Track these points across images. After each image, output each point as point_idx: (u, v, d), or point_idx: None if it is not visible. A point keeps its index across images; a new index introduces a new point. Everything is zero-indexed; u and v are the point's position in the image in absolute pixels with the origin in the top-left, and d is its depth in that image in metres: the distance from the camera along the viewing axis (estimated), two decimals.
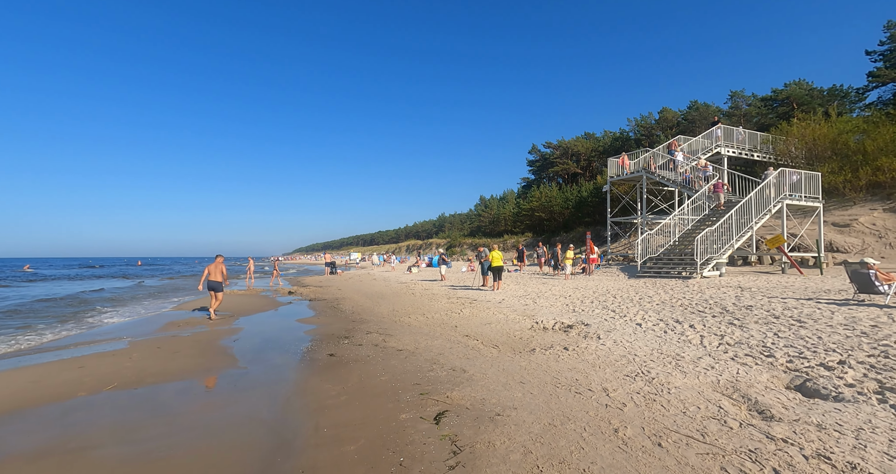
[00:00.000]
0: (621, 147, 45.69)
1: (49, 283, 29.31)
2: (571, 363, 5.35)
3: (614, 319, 8.01)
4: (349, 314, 11.23)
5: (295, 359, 6.44)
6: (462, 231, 72.84)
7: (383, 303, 13.23)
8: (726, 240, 15.21)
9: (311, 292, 18.10)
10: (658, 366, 4.89)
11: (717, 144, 22.29)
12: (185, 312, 12.39)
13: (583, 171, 54.36)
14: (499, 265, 14.66)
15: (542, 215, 46.38)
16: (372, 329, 8.74)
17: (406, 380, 5.08)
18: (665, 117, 39.57)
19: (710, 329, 6.53)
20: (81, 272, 49.86)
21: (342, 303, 13.61)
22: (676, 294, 10.71)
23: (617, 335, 6.71)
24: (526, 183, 67.52)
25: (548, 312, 9.45)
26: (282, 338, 8.18)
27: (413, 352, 6.59)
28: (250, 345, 7.52)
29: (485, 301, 12.08)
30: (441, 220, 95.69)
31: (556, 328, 7.87)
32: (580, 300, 10.96)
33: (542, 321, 8.38)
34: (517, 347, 6.53)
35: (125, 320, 11.35)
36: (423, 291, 15.97)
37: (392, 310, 11.33)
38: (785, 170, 16.05)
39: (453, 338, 7.41)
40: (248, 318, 11.03)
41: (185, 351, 7.02)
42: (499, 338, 7.29)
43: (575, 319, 8.34)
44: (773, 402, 3.60)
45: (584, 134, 57.67)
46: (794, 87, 30.42)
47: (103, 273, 46.95)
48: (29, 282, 31.61)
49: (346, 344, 7.42)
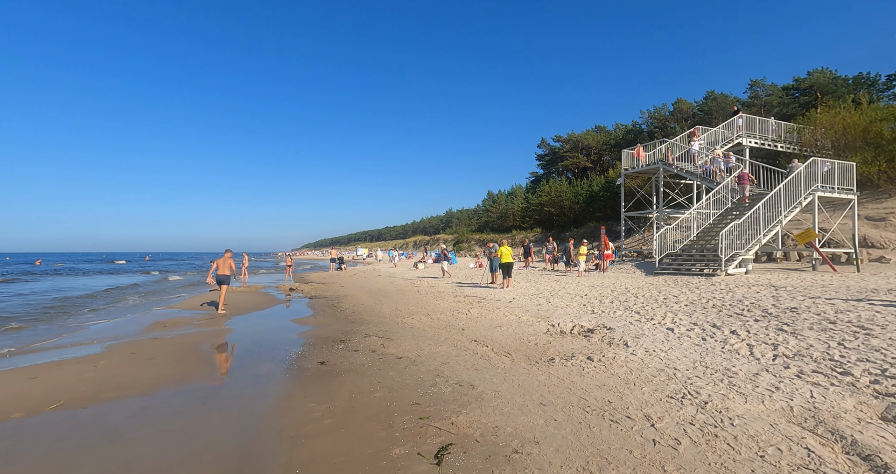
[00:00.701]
0: (633, 140, 44.41)
1: (87, 277, 30.67)
2: (600, 378, 4.53)
3: (641, 323, 7.15)
4: (349, 314, 10.50)
5: (281, 368, 5.69)
6: (469, 226, 71.96)
7: (386, 301, 12.48)
8: (753, 235, 14.21)
9: (313, 289, 17.43)
10: (707, 385, 4.05)
11: (738, 135, 21.15)
12: (176, 311, 11.75)
13: (593, 165, 53.11)
14: (509, 261, 13.83)
15: (552, 210, 45.34)
16: (371, 331, 7.98)
17: (404, 398, 4.30)
18: (680, 108, 38.25)
19: (756, 336, 5.66)
20: (107, 266, 52.09)
21: (343, 302, 12.89)
22: (704, 293, 9.81)
23: (647, 342, 5.86)
24: (535, 177, 66.34)
25: (564, 313, 8.61)
26: (272, 342, 7.46)
27: (414, 360, 5.81)
28: (235, 351, 6.80)
29: (494, 300, 11.27)
30: (448, 216, 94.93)
31: (575, 332, 7.04)
32: (598, 300, 10.10)
33: (559, 324, 7.55)
34: (533, 356, 5.72)
35: (115, 320, 10.73)
36: (429, 289, 15.20)
37: (394, 310, 10.57)
38: (817, 160, 14.96)
39: (460, 344, 6.62)
40: (241, 318, 10.35)
41: (162, 357, 6.31)
42: (511, 343, 6.48)
43: (596, 322, 7.50)
44: (877, 443, 2.76)
45: (595, 127, 56.37)
46: (817, 76, 29.01)
47: (130, 268, 48.51)
48: (71, 275, 33.48)
49: (341, 349, 6.66)
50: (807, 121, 22.16)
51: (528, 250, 22.93)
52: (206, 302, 13.22)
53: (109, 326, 9.34)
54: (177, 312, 11.26)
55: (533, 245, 24.31)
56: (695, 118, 35.89)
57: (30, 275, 33.46)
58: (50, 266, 53.78)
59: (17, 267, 51.24)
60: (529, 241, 23.98)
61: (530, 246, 23.64)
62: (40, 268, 50.05)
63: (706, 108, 34.99)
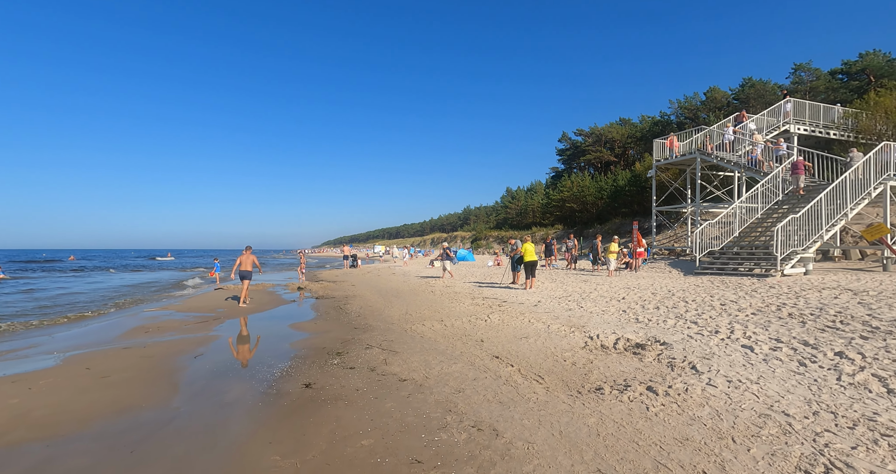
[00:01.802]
0: (661, 132, 42.11)
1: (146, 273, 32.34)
2: (676, 425, 3.23)
3: (703, 337, 5.78)
4: (354, 318, 9.38)
5: (256, 393, 4.57)
6: (488, 223, 70.44)
7: (397, 302, 11.34)
8: (812, 231, 12.50)
9: (323, 288, 16.44)
10: (857, 450, 2.70)
11: (785, 121, 19.23)
12: (168, 312, 10.85)
13: (617, 159, 50.93)
14: (533, 260, 12.50)
15: (574, 206, 43.55)
16: (375, 341, 6.82)
17: (400, 449, 3.11)
18: (713, 97, 35.93)
19: (880, 362, 4.24)
20: (153, 263, 53.77)
21: (350, 303, 11.81)
22: (768, 298, 8.31)
23: (723, 366, 4.51)
24: (555, 173, 64.32)
25: (601, 322, 7.28)
26: (258, 354, 6.37)
27: (421, 384, 4.61)
28: (211, 365, 5.72)
29: (517, 303, 9.99)
30: (466, 213, 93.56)
31: (620, 347, 5.72)
32: (639, 304, 8.71)
33: (599, 335, 6.24)
34: (573, 382, 4.45)
35: (95, 324, 9.87)
36: (444, 289, 13.99)
37: (404, 314, 9.40)
38: (889, 144, 13.10)
39: (478, 361, 5.38)
40: (235, 322, 9.34)
41: (120, 374, 5.27)
42: (542, 362, 5.21)
43: (644, 334, 6.15)
44: None
45: (619, 119, 54.10)
46: (870, 58, 26.53)
47: (175, 264, 49.64)
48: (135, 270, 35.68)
49: (335, 365, 5.52)
50: (864, 105, 20.00)
51: (550, 248, 20.92)
52: (229, 296, 12.39)
53: (84, 332, 8.40)
54: (168, 314, 10.35)
55: (556, 242, 22.37)
56: (730, 107, 33.61)
57: (42, 273, 33.67)
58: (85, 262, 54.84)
59: (43, 264, 52.29)
60: (552, 238, 22.01)
61: (553, 243, 21.57)
62: (72, 263, 51.21)
63: (742, 95, 32.68)
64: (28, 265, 46.54)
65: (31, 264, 48.58)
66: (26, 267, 42.46)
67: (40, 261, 59.43)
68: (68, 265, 47.06)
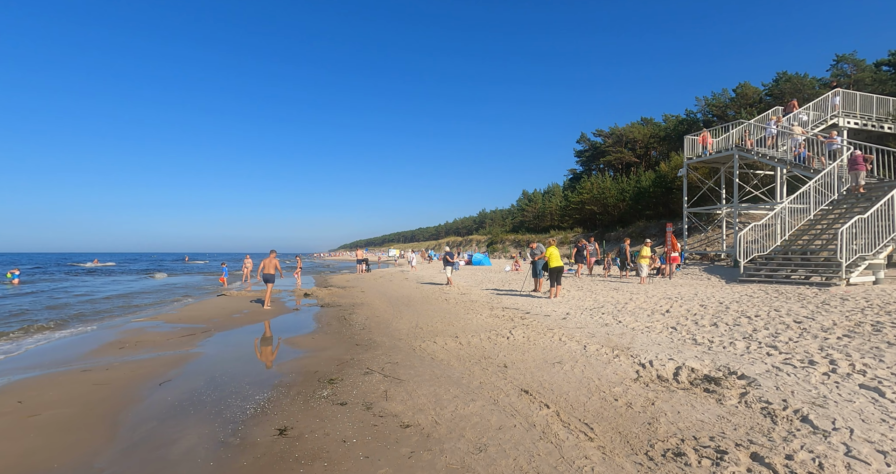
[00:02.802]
0: (687, 130, 40.22)
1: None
2: None
3: (795, 369, 4.48)
4: (358, 330, 8.30)
5: (215, 442, 3.49)
6: (504, 227, 68.97)
7: (407, 312, 10.22)
8: (883, 233, 10.94)
9: (330, 295, 15.45)
10: None
11: (833, 114, 17.56)
12: (156, 323, 9.95)
13: (639, 160, 49.05)
14: (558, 265, 11.24)
15: (594, 208, 41.94)
16: (377, 363, 5.71)
17: None
18: (744, 93, 34.02)
19: None
20: (186, 266, 53.71)
21: (356, 312, 10.74)
22: (850, 314, 6.91)
23: (850, 419, 3.24)
24: (573, 175, 62.56)
25: (649, 342, 6.02)
26: (236, 380, 5.31)
27: (428, 435, 3.47)
28: (173, 397, 4.67)
29: (542, 315, 8.77)
30: (482, 217, 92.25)
31: (684, 380, 4.47)
32: (690, 319, 7.39)
33: (653, 362, 4.99)
34: (635, 437, 3.24)
35: (70, 337, 9.00)
36: (460, 296, 12.83)
37: (414, 326, 8.27)
38: None
39: (503, 397, 4.21)
40: (224, 335, 8.34)
41: (55, 410, 4.25)
42: (586, 399, 4.02)
43: (711, 362, 4.88)
44: None
45: (641, 119, 52.24)
46: None
47: (204, 268, 49.16)
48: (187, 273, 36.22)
49: (324, 400, 4.42)
50: None
51: (582, 252, 17.64)
52: (230, 304, 11.48)
53: (50, 348, 7.42)
54: (155, 325, 9.43)
55: (589, 246, 18.56)
56: (762, 104, 31.70)
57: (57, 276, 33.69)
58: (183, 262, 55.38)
59: (65, 267, 52.97)
60: (585, 241, 18.55)
61: (586, 247, 18.00)
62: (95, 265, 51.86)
63: (777, 91, 30.75)
64: (73, 268, 47.43)
65: (76, 267, 49.47)
66: (72, 269, 43.03)
67: (78, 263, 60.49)
68: (95, 268, 47.65)
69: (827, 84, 27.87)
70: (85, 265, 56.18)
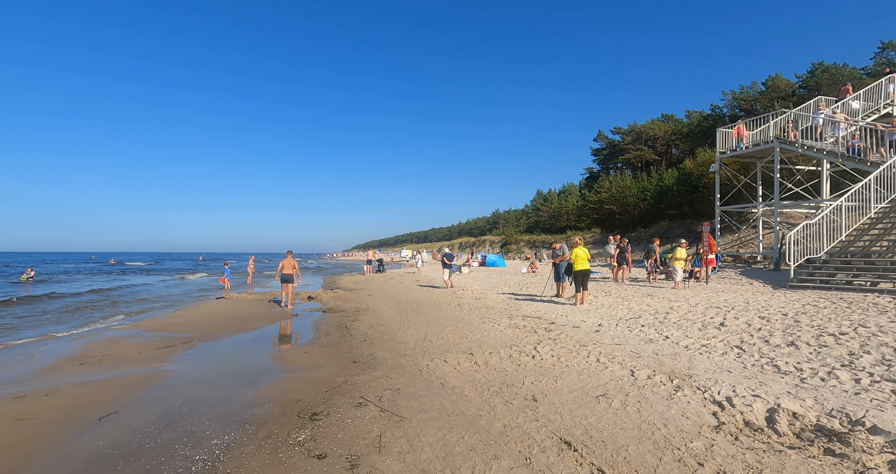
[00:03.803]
0: (712, 127, 38.43)
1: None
2: None
3: None
4: (358, 342, 7.23)
5: None
6: (518, 227, 67.41)
7: (415, 320, 9.13)
8: None
9: (335, 298, 14.45)
10: None
11: (886, 103, 15.92)
12: (135, 332, 9.02)
13: (660, 158, 47.19)
14: (585, 268, 10.02)
15: (613, 208, 40.35)
16: (373, 390, 4.61)
17: None
18: (775, 86, 32.11)
19: None
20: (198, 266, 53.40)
21: (360, 319, 9.68)
22: None
23: None
24: (589, 174, 60.78)
25: (714, 366, 4.79)
26: (197, 412, 4.26)
27: None
28: (104, 444, 3.63)
29: (569, 326, 7.57)
30: (495, 217, 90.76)
31: (786, 430, 3.25)
32: (756, 336, 6.12)
33: (732, 401, 3.78)
34: None
35: (24, 347, 8.09)
36: (474, 302, 11.68)
37: (423, 339, 7.17)
38: None
39: (537, 453, 3.06)
40: (208, 346, 7.35)
41: None
42: (655, 463, 2.84)
43: (816, 403, 3.65)
44: None
45: (662, 115, 50.34)
46: None
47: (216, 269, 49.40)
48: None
49: (299, 448, 3.34)
50: None
51: (624, 254, 14.83)
52: (226, 309, 10.52)
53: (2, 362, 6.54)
54: (133, 334, 8.49)
55: (631, 246, 16.10)
56: (795, 97, 29.82)
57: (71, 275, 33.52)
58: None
59: (87, 265, 53.31)
60: (627, 242, 15.48)
61: (628, 247, 15.16)
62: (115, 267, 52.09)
63: (812, 82, 28.85)
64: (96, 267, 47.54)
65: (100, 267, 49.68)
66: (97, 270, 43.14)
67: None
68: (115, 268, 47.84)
69: (871, 73, 25.98)
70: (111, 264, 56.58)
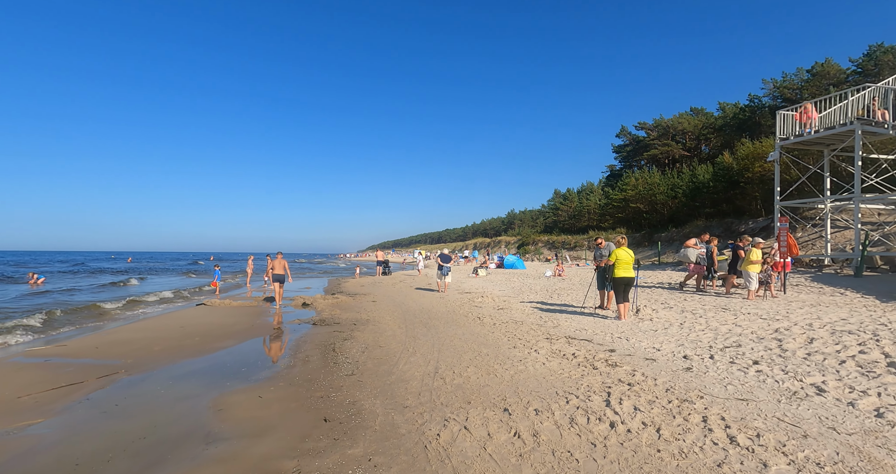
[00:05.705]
0: (748, 119, 35.46)
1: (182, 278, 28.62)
2: None
3: None
4: (343, 377, 5.12)
5: None
6: (535, 227, 64.78)
7: (424, 338, 6.98)
8: None
9: (334, 305, 12.38)
10: None
11: None
12: (45, 358, 7.04)
13: (690, 154, 44.18)
14: (628, 276, 7.72)
15: (640, 206, 37.62)
16: None
17: None
18: (824, 72, 29.07)
19: None
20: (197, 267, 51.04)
21: (355, 336, 7.56)
22: None
23: None
24: (611, 172, 57.93)
25: None
26: None
27: None
28: None
29: (638, 357, 5.33)
30: (510, 217, 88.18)
31: None
32: None
33: None
34: None
35: None
36: (497, 313, 9.49)
37: (433, 373, 5.01)
38: None
39: None
40: (131, 382, 5.32)
41: None
42: None
43: None
44: None
45: (690, 109, 47.28)
46: None
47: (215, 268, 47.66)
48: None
49: None
50: None
51: (711, 255, 11.60)
52: (198, 320, 8.51)
53: None
54: (42, 361, 6.47)
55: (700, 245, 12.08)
56: (848, 84, 26.83)
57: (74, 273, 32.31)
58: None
59: (99, 263, 52.65)
60: (717, 241, 12.09)
61: (714, 247, 11.70)
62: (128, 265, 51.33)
63: (870, 66, 25.88)
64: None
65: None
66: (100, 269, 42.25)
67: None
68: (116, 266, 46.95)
69: None
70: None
